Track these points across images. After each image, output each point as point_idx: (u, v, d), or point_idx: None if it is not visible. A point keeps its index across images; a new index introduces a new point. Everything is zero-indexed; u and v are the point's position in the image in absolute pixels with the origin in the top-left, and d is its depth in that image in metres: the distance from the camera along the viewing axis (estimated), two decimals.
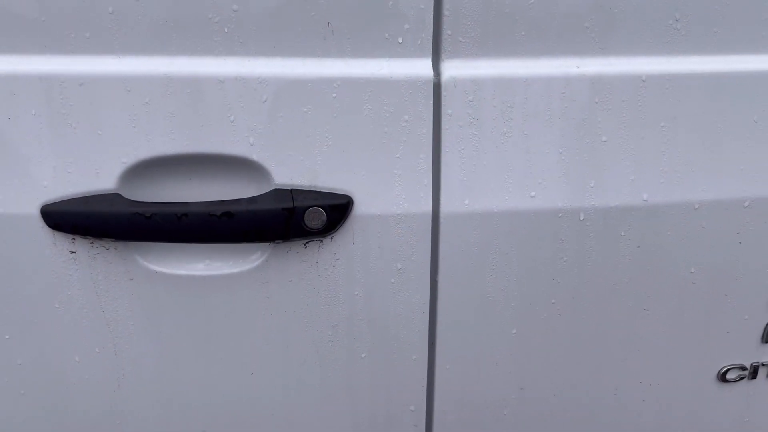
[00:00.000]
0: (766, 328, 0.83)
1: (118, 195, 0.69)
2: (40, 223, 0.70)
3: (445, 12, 0.68)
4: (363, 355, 0.78)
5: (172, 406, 0.79)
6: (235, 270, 0.73)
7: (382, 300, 0.75)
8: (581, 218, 0.73)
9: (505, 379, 0.80)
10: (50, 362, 0.77)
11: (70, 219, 0.69)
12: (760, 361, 0.85)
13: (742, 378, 0.85)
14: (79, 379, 0.78)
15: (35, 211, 0.69)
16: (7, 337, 0.76)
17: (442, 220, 0.72)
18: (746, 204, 0.76)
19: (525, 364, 0.80)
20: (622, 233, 0.74)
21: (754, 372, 0.85)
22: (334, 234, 0.72)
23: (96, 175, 0.69)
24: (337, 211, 0.70)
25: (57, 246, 0.71)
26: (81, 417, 0.80)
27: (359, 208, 0.71)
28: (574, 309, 0.77)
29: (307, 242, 0.72)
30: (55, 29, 0.66)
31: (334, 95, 0.68)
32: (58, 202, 0.69)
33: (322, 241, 0.72)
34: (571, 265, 0.75)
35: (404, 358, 0.78)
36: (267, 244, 0.72)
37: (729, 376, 0.85)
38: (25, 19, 0.66)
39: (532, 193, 0.72)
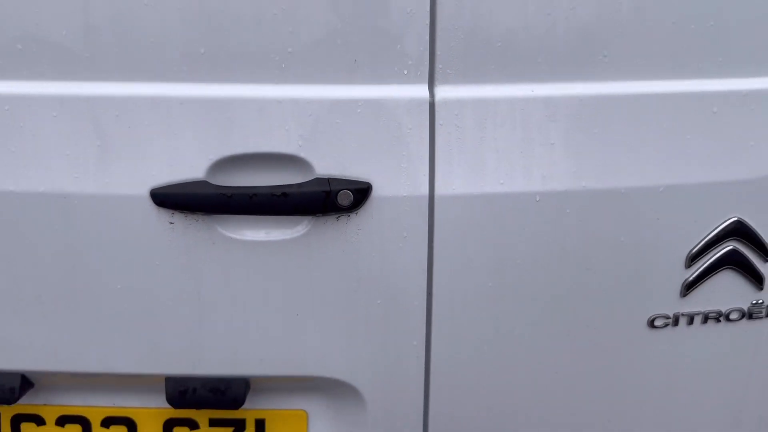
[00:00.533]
0: (682, 285, 1.09)
1: (206, 181, 0.97)
2: (148, 202, 0.98)
3: (438, 52, 0.96)
4: (378, 302, 1.05)
5: (238, 338, 1.07)
6: (287, 237, 1.01)
7: (393, 260, 1.02)
8: (537, 200, 1.01)
9: (484, 319, 1.07)
10: (148, 305, 1.05)
11: (171, 198, 0.97)
12: (680, 311, 1.11)
13: (666, 325, 1.12)
14: (170, 318, 1.06)
15: (145, 193, 0.98)
16: (119, 286, 1.04)
17: (436, 200, 1.00)
18: (661, 190, 1.03)
19: (497, 308, 1.07)
20: (567, 210, 1.02)
21: (675, 320, 1.12)
22: (358, 210, 0.99)
23: (190, 167, 0.97)
24: (360, 193, 0.98)
25: (160, 219, 1.00)
26: (170, 347, 1.08)
27: (376, 192, 0.99)
28: (532, 266, 1.04)
29: (339, 216, 1.00)
30: (163, 63, 0.95)
31: (359, 111, 0.96)
32: (162, 186, 0.97)
33: (349, 216, 1.00)
34: (530, 235, 1.03)
35: (409, 304, 1.06)
36: (310, 217, 1.00)
37: (656, 323, 1.11)
38: (143, 57, 0.95)
39: (501, 182, 1.00)
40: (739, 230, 1.08)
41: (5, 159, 0.99)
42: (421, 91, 0.97)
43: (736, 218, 1.07)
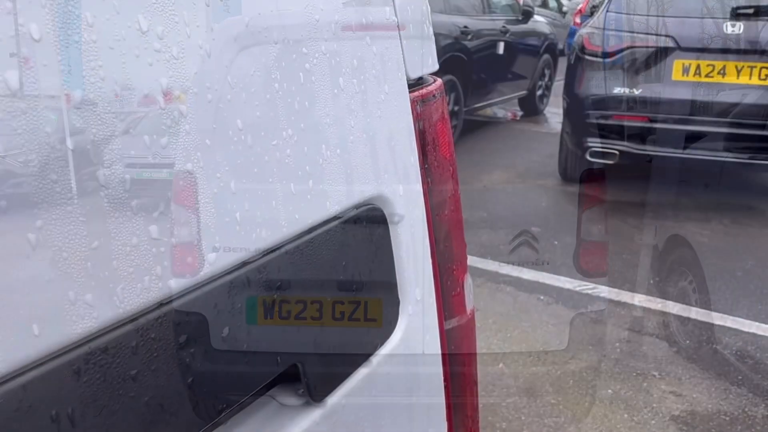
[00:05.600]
0: (513, 247, 3.24)
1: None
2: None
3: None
4: (402, 240, 3.23)
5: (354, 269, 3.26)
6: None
7: (407, 231, 3.20)
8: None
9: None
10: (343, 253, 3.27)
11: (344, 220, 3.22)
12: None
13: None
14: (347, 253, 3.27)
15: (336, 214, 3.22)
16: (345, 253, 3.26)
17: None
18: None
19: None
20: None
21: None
22: (401, 221, 3.20)
23: (344, 207, 3.23)
24: (399, 216, 3.19)
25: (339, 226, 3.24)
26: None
27: (405, 216, 3.21)
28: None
29: (394, 224, 3.21)
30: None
31: (397, 191, 3.22)
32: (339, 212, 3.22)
33: (398, 223, 3.20)
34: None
35: (412, 237, 3.24)
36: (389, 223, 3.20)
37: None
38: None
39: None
40: None
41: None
42: (417, 186, 3.20)
43: None
